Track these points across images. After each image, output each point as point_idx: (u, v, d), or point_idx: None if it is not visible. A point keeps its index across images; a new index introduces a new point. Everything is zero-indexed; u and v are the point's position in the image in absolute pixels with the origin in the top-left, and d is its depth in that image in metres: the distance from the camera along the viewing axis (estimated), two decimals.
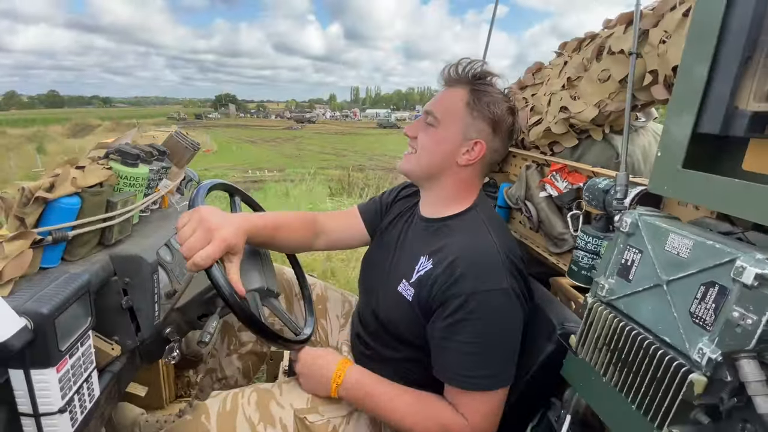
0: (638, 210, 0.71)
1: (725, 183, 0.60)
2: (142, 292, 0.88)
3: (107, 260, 0.84)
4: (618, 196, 0.77)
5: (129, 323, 0.88)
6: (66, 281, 0.65)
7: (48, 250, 0.75)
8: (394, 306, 0.95)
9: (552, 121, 1.13)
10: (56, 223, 0.75)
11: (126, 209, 0.87)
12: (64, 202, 0.74)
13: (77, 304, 0.65)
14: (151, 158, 1.01)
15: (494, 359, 0.82)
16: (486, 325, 0.80)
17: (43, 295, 0.61)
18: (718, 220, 0.68)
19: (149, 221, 1.07)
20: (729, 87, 0.60)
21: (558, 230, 1.10)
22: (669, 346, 0.60)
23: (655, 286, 0.63)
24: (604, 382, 0.70)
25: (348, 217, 1.19)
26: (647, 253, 0.65)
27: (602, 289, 0.72)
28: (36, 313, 0.58)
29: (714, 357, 0.52)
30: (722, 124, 0.61)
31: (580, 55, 1.09)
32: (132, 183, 0.91)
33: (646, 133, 1.12)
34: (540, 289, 1.23)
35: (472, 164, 0.89)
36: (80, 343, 0.67)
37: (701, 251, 0.57)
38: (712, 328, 0.54)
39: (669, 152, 0.68)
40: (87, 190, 0.78)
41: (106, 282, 0.84)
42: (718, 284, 0.54)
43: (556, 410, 1.02)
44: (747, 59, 0.59)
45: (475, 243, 0.84)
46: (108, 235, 0.86)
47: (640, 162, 1.08)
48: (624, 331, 0.66)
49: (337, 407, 0.97)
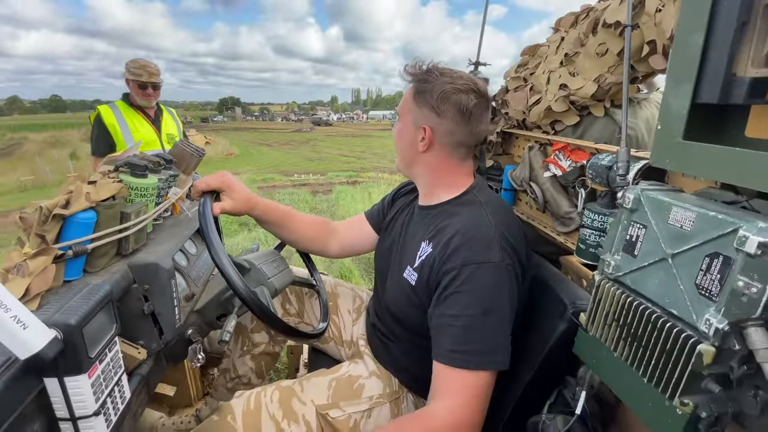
0: (640, 185, 0.71)
1: (727, 153, 0.60)
2: (161, 298, 0.91)
3: (126, 269, 0.88)
4: (620, 172, 0.77)
5: (152, 327, 0.92)
6: (89, 292, 0.68)
7: (70, 263, 0.79)
8: (401, 292, 0.96)
9: (552, 99, 1.12)
10: (75, 237, 0.78)
11: (139, 219, 0.90)
12: (81, 217, 0.78)
13: (102, 313, 0.68)
14: (159, 168, 1.03)
15: (482, 334, 0.79)
16: (475, 298, 0.79)
17: (69, 306, 0.65)
18: (722, 190, 0.68)
19: (163, 228, 1.10)
20: (726, 54, 0.60)
21: (564, 209, 1.10)
22: (677, 318, 0.61)
23: (661, 260, 0.63)
24: (615, 357, 0.71)
25: (357, 222, 1.25)
26: (651, 227, 0.65)
27: (609, 266, 0.73)
28: (65, 324, 0.61)
29: (721, 327, 0.53)
30: (721, 93, 0.61)
31: (576, 30, 1.08)
32: (143, 193, 0.94)
33: (649, 104, 1.10)
34: (550, 269, 1.23)
35: (429, 149, 0.92)
36: (108, 349, 0.71)
37: (704, 223, 0.57)
38: (718, 298, 0.54)
39: (669, 124, 0.68)
40: (101, 203, 0.81)
41: (128, 290, 0.87)
42: (722, 255, 0.54)
43: (571, 388, 1.03)
44: (743, 25, 0.58)
45: (469, 221, 0.86)
46: (125, 245, 0.89)
47: (644, 135, 1.07)
48: (632, 306, 0.67)
49: (358, 402, 1.00)
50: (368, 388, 1.03)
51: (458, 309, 0.80)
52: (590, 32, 1.00)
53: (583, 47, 1.03)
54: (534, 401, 1.10)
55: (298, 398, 0.98)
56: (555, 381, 1.08)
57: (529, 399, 1.09)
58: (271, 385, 1.02)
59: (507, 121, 1.38)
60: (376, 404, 1.00)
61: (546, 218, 1.21)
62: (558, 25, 1.18)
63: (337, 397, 0.99)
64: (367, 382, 1.04)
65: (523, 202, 1.37)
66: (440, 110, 0.87)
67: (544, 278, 1.17)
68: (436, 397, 0.81)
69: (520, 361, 1.13)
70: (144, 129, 2.46)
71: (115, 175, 0.92)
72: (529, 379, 1.08)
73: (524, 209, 1.36)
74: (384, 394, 1.02)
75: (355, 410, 0.98)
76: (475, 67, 1.44)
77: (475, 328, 0.79)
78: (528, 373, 1.08)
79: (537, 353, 1.07)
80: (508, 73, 1.35)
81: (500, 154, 1.47)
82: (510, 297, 0.82)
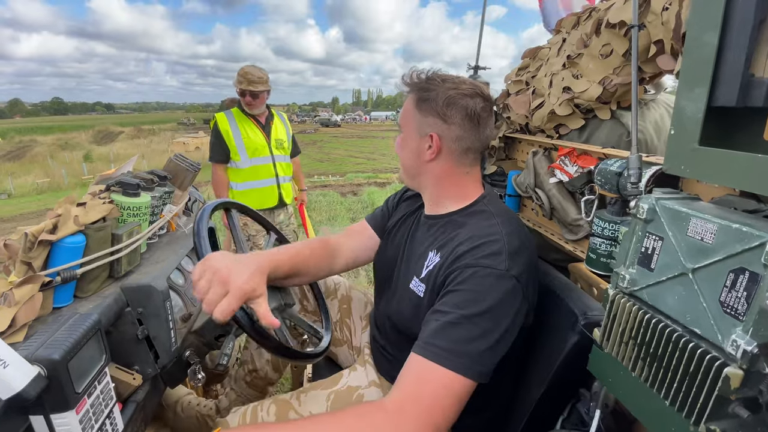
0: (654, 194, 0.67)
1: (747, 159, 0.56)
2: (156, 321, 0.88)
3: (119, 293, 0.85)
4: (632, 180, 0.73)
5: (147, 352, 0.89)
6: (76, 323, 0.65)
7: (59, 290, 0.76)
8: (407, 304, 0.93)
9: (555, 102, 1.09)
10: (63, 263, 0.75)
11: (132, 240, 0.87)
12: (69, 242, 0.75)
13: (90, 344, 0.65)
14: (153, 185, 1.01)
15: (468, 335, 0.72)
16: (471, 298, 0.74)
17: (54, 340, 0.61)
18: (742, 197, 0.64)
19: (158, 247, 1.07)
20: (743, 54, 0.56)
21: (572, 216, 1.06)
22: (700, 337, 0.57)
23: (680, 275, 0.59)
24: (634, 377, 0.67)
25: (357, 230, 1.19)
26: (668, 239, 0.61)
27: (623, 279, 0.69)
28: (48, 360, 0.58)
29: (749, 349, 0.49)
30: (739, 95, 0.57)
31: (578, 31, 1.04)
32: (135, 213, 0.91)
33: (657, 106, 1.06)
34: (559, 278, 1.19)
35: (436, 157, 0.89)
36: (97, 381, 0.68)
37: (727, 235, 0.53)
38: (745, 317, 0.50)
39: (683, 129, 0.64)
40: (90, 226, 0.79)
41: (121, 314, 0.84)
42: (748, 270, 0.50)
43: (585, 402, 0.99)
44: (760, 23, 0.55)
45: (479, 230, 0.83)
46: (117, 267, 0.86)
47: (653, 137, 1.03)
48: (650, 323, 0.63)
49: None
50: (368, 398, 1.01)
51: (450, 306, 0.75)
52: (593, 33, 0.97)
53: (586, 48, 0.99)
54: (547, 415, 1.06)
55: (296, 410, 0.96)
56: (568, 394, 1.04)
57: (542, 413, 1.05)
58: (268, 399, 1.00)
59: (509, 126, 1.35)
60: None
61: (553, 225, 1.18)
62: (559, 26, 1.15)
63: (336, 407, 0.97)
64: (367, 391, 1.02)
65: (528, 209, 1.33)
66: (447, 116, 0.85)
67: (552, 288, 1.13)
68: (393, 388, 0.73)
69: (531, 373, 1.09)
70: (254, 135, 2.51)
71: (106, 195, 0.89)
72: (542, 393, 1.04)
73: (530, 216, 1.32)
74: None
75: None
76: (475, 71, 1.41)
77: (462, 327, 0.72)
78: (540, 387, 1.04)
79: (549, 366, 1.03)
80: (509, 77, 1.32)
81: (503, 159, 1.43)
82: (511, 311, 0.76)
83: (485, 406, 0.96)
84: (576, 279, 1.22)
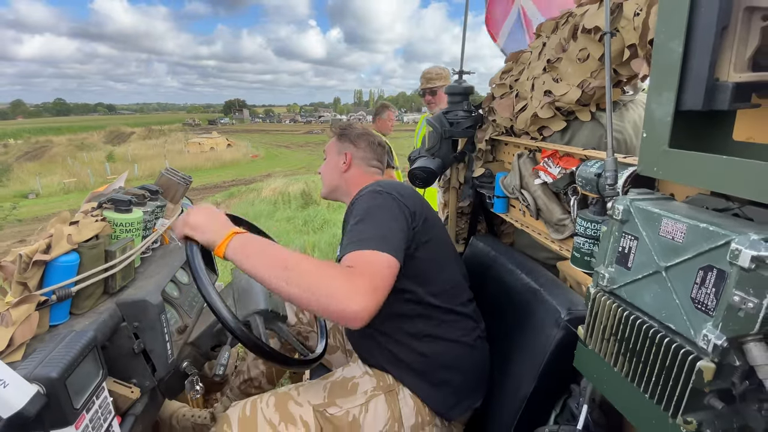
0: (629, 195, 0.69)
1: (715, 160, 0.59)
2: (152, 334, 0.89)
3: (114, 308, 0.86)
4: (609, 182, 0.75)
5: (144, 365, 0.90)
6: (72, 340, 0.67)
7: (55, 308, 0.77)
8: None
9: (537, 106, 1.11)
10: (58, 281, 0.76)
11: (125, 256, 0.88)
12: (63, 261, 0.76)
13: (86, 361, 0.67)
14: (144, 200, 1.02)
15: (362, 233, 0.89)
16: (357, 212, 0.96)
17: (51, 358, 0.63)
18: (713, 196, 0.66)
19: (152, 261, 1.08)
20: (707, 60, 0.58)
21: (557, 216, 1.09)
22: (674, 333, 0.59)
23: (655, 273, 0.62)
24: (616, 372, 0.69)
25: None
26: (642, 239, 0.64)
27: (603, 278, 0.71)
28: (47, 378, 0.60)
29: (720, 343, 0.51)
30: (705, 99, 0.59)
31: (557, 36, 1.06)
32: (128, 229, 0.93)
33: (636, 106, 1.09)
34: (545, 274, 1.21)
35: (349, 167, 1.25)
36: (95, 397, 0.69)
37: (695, 235, 0.55)
38: (714, 313, 0.53)
39: (654, 132, 0.67)
40: (83, 244, 0.80)
41: (117, 329, 0.86)
42: (716, 268, 0.53)
43: (576, 397, 1.02)
44: (722, 30, 0.57)
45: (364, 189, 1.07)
46: (111, 283, 0.87)
47: (632, 138, 1.06)
48: (629, 320, 0.66)
49: (354, 397, 1.02)
50: (363, 385, 1.05)
51: (347, 227, 0.96)
52: (571, 38, 0.99)
53: (564, 53, 1.01)
54: (540, 411, 1.08)
55: (295, 401, 1.00)
56: (559, 389, 1.06)
57: (534, 409, 1.08)
58: (268, 392, 1.04)
59: (495, 129, 1.37)
60: (372, 397, 1.03)
61: (541, 224, 1.20)
62: (539, 31, 1.17)
63: (333, 396, 1.02)
64: (361, 380, 1.07)
65: (516, 209, 1.35)
66: (356, 142, 1.27)
67: (538, 284, 1.15)
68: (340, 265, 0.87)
69: (520, 371, 1.11)
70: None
71: (99, 212, 0.90)
72: (532, 390, 1.06)
73: (518, 216, 1.35)
74: (378, 387, 1.05)
75: (353, 405, 1.01)
76: (460, 76, 1.43)
77: (356, 230, 0.90)
78: (530, 384, 1.07)
79: (536, 363, 1.06)
80: (494, 80, 1.34)
81: (490, 162, 1.45)
82: (388, 207, 0.96)
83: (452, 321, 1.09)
84: (564, 277, 1.24)
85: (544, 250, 1.34)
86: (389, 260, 0.84)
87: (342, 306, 0.73)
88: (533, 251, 1.39)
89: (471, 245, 1.55)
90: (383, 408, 1.01)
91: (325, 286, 0.74)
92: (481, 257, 1.42)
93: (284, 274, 0.76)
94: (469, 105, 1.44)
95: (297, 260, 0.79)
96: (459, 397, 1.08)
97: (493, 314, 1.20)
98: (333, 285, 0.75)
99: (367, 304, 0.74)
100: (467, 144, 1.49)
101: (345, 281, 0.76)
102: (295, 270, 0.76)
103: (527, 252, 1.40)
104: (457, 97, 1.43)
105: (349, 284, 0.76)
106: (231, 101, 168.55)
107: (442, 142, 1.42)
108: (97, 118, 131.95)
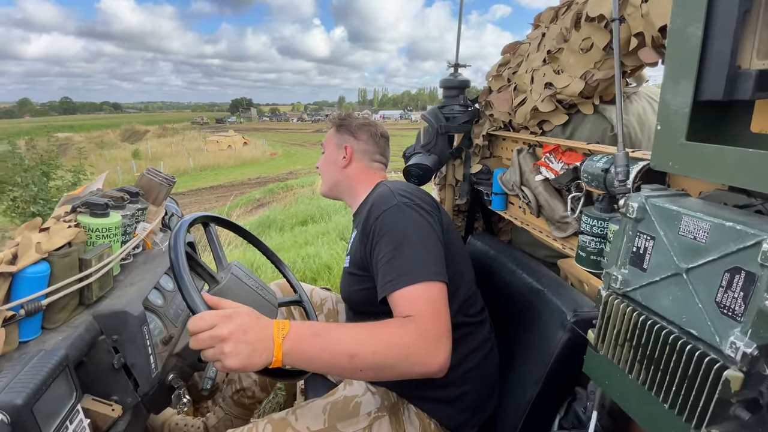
0: (643, 191, 0.65)
1: (736, 153, 0.55)
2: (133, 347, 0.83)
3: (91, 321, 0.80)
4: (620, 177, 0.71)
5: (126, 381, 0.84)
6: (40, 362, 0.60)
7: (24, 323, 0.71)
8: (345, 280, 1.05)
9: (538, 99, 1.07)
10: (27, 294, 0.70)
11: (102, 264, 0.82)
12: (31, 272, 0.70)
13: (57, 383, 0.61)
14: (123, 203, 0.95)
15: (401, 261, 0.84)
16: (389, 237, 0.88)
17: (17, 382, 0.57)
18: (732, 192, 0.62)
19: (133, 267, 1.02)
20: (728, 46, 0.54)
21: (559, 214, 1.05)
22: (697, 339, 0.55)
23: (674, 275, 0.58)
24: (631, 380, 0.65)
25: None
26: (660, 239, 0.60)
27: (615, 280, 0.67)
28: (11, 405, 0.54)
29: (749, 351, 0.48)
30: (726, 88, 0.55)
31: (558, 25, 1.02)
32: (105, 234, 0.86)
33: (640, 99, 1.05)
34: (548, 274, 1.18)
35: (350, 162, 1.15)
36: (69, 421, 0.63)
37: (721, 234, 0.51)
38: (743, 318, 0.49)
39: (669, 124, 0.62)
40: (54, 253, 0.73)
41: (94, 343, 0.79)
42: (744, 270, 0.49)
43: (581, 401, 0.98)
44: (744, 13, 0.53)
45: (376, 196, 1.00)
46: (87, 294, 0.81)
47: (636, 131, 1.02)
48: (645, 325, 0.61)
49: (356, 420, 0.95)
50: (365, 405, 0.99)
51: (381, 253, 0.87)
52: (573, 27, 0.95)
53: (566, 43, 0.97)
54: (544, 414, 1.05)
55: (293, 428, 0.93)
56: (564, 393, 1.03)
57: (539, 412, 1.04)
58: (263, 420, 0.97)
59: (492, 123, 1.33)
60: (376, 419, 0.96)
61: (541, 222, 1.16)
62: (538, 21, 1.13)
63: (334, 420, 0.95)
64: (364, 399, 1.00)
65: (515, 206, 1.31)
66: (356, 134, 1.17)
67: (540, 285, 1.12)
68: (397, 317, 0.81)
69: (525, 373, 1.08)
70: None
71: (72, 217, 0.83)
72: (537, 393, 1.03)
73: (517, 213, 1.30)
74: (382, 407, 0.99)
75: (355, 429, 0.94)
76: (455, 69, 1.39)
77: (399, 257, 0.84)
78: (535, 388, 1.03)
79: (542, 365, 1.02)
80: (490, 73, 1.30)
81: (488, 158, 1.41)
82: (419, 224, 0.89)
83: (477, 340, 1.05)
84: (566, 275, 1.21)
85: (544, 248, 1.30)
86: (441, 288, 0.82)
87: (424, 369, 0.72)
88: (533, 249, 1.35)
89: (469, 244, 1.51)
90: (387, 430, 0.95)
91: (397, 356, 0.72)
92: (480, 256, 1.38)
93: (352, 364, 0.72)
94: (466, 99, 1.39)
95: (357, 341, 0.73)
96: (471, 412, 1.03)
97: (495, 316, 1.16)
98: (405, 353, 0.72)
99: (446, 351, 0.74)
100: (464, 139, 1.44)
101: (414, 340, 0.73)
102: (360, 355, 0.72)
103: (526, 250, 1.36)
104: (452, 91, 1.38)
105: (421, 341, 0.73)
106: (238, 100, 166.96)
107: (437, 137, 1.37)
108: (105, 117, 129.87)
